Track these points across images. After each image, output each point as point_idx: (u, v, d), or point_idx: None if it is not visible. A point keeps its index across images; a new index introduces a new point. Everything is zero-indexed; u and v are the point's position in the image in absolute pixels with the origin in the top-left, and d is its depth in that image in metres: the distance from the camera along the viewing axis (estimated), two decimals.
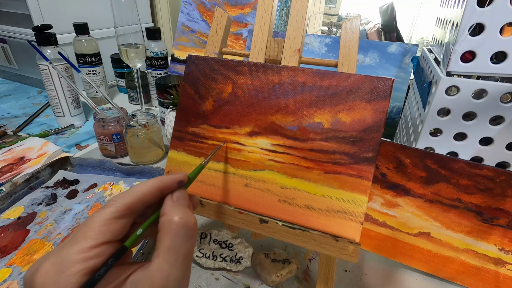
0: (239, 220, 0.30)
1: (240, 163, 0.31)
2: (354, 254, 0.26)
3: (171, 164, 0.34)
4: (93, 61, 0.76)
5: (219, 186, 0.32)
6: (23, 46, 0.78)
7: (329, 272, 0.31)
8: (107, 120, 0.54)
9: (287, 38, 0.32)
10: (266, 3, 0.33)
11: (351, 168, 0.28)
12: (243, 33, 0.77)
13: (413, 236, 0.37)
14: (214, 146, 0.32)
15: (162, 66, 0.76)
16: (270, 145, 0.31)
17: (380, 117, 0.27)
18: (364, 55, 0.62)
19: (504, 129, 0.37)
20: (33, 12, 0.72)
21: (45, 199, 0.45)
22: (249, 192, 0.31)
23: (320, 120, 0.29)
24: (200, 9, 0.80)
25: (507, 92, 0.36)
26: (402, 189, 0.37)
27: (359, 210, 0.27)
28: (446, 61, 0.38)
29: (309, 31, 1.25)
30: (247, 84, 0.32)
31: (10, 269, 0.34)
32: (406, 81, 0.61)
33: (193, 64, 0.34)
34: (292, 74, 0.30)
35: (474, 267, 0.36)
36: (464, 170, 0.34)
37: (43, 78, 0.62)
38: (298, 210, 0.29)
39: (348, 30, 0.30)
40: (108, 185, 0.48)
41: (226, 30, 0.35)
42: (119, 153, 0.57)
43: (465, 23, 0.34)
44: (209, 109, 0.33)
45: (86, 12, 0.83)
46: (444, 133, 0.40)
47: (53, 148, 0.59)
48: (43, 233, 0.39)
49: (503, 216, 0.34)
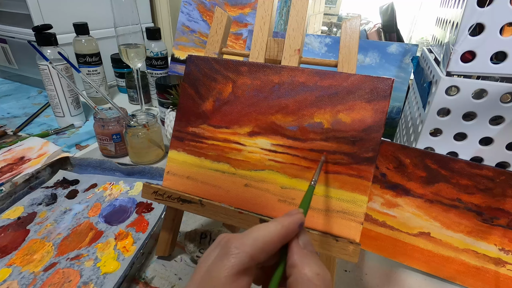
0: (239, 220, 0.30)
1: (240, 163, 0.31)
2: (354, 254, 0.26)
3: (171, 164, 0.34)
4: (93, 61, 0.76)
5: (219, 186, 0.32)
6: (23, 46, 0.78)
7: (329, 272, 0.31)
8: (107, 120, 0.54)
9: (287, 38, 0.32)
10: (266, 3, 0.33)
11: (351, 168, 0.28)
12: (243, 33, 0.77)
13: (413, 236, 0.37)
14: (214, 146, 0.32)
15: (162, 66, 0.76)
16: (270, 145, 0.31)
17: (380, 117, 0.27)
18: (364, 55, 0.62)
19: (504, 129, 0.37)
20: (33, 12, 0.72)
21: (45, 199, 0.45)
22: (249, 192, 0.31)
23: (320, 120, 0.29)
24: (200, 9, 0.80)
25: (507, 92, 0.36)
26: (402, 189, 0.37)
27: (359, 210, 0.27)
28: (446, 61, 0.38)
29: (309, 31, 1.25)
30: (247, 84, 0.32)
31: (10, 269, 0.34)
32: (406, 81, 0.61)
33: (193, 64, 0.34)
34: (292, 74, 0.30)
35: (474, 267, 0.36)
36: (464, 170, 0.34)
37: (43, 78, 0.62)
38: None
39: (348, 30, 0.30)
40: (108, 185, 0.48)
41: (226, 30, 0.35)
42: (119, 153, 0.57)
43: (465, 23, 0.34)
44: (209, 109, 0.33)
45: (86, 12, 0.83)
46: (444, 133, 0.40)
47: (53, 148, 0.59)
48: (43, 233, 0.39)
49: (503, 216, 0.34)
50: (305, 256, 0.18)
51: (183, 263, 0.37)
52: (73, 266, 0.35)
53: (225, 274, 0.16)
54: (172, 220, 0.36)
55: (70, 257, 0.36)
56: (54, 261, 0.35)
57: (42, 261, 0.35)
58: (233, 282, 0.16)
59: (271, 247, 0.17)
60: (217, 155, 0.32)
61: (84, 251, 0.37)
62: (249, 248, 0.17)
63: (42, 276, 0.33)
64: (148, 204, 0.44)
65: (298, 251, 0.18)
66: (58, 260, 0.35)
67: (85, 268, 0.34)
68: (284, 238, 0.18)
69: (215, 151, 0.32)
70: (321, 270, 0.17)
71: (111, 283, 0.33)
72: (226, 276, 0.16)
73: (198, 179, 0.33)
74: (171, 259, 0.38)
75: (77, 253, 0.36)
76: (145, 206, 0.44)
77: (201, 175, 0.33)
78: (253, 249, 0.17)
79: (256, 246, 0.17)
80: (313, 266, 0.17)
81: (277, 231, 0.18)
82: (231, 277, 0.16)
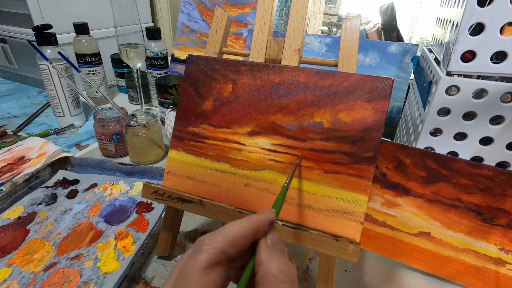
0: None
1: (240, 163, 0.31)
2: (354, 254, 0.26)
3: (171, 164, 0.34)
4: (93, 61, 0.76)
5: (219, 186, 0.32)
6: (23, 46, 0.78)
7: (329, 272, 0.31)
8: (107, 120, 0.54)
9: (287, 37, 0.32)
10: (266, 3, 0.33)
11: (351, 168, 0.28)
12: (243, 33, 0.77)
13: (413, 236, 0.37)
14: (214, 146, 0.32)
15: (162, 66, 0.76)
16: (270, 144, 0.31)
17: (380, 117, 0.27)
18: (364, 55, 0.62)
19: (504, 128, 0.37)
20: (33, 12, 0.72)
21: (45, 199, 0.45)
22: (249, 192, 0.31)
23: (320, 120, 0.29)
24: (200, 9, 0.80)
25: (507, 91, 0.36)
26: (402, 188, 0.37)
27: (359, 210, 0.27)
28: (446, 61, 0.38)
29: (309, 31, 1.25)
30: (247, 84, 0.32)
31: (10, 269, 0.34)
32: (406, 81, 0.61)
33: (193, 64, 0.34)
34: (292, 74, 0.30)
35: (474, 267, 0.36)
36: (464, 169, 0.34)
37: (43, 78, 0.62)
38: (299, 210, 0.29)
39: (348, 30, 0.30)
40: (108, 185, 0.48)
41: (226, 30, 0.35)
42: (119, 153, 0.57)
43: (465, 22, 0.34)
44: (209, 108, 0.33)
45: (86, 12, 0.83)
46: (444, 133, 0.40)
47: (53, 148, 0.59)
48: (43, 233, 0.39)
49: (503, 215, 0.34)
50: (272, 254, 0.19)
51: None
52: (73, 266, 0.35)
53: (196, 268, 0.17)
54: (172, 220, 0.36)
55: (70, 257, 0.36)
56: (54, 261, 0.35)
57: (42, 261, 0.35)
58: (205, 275, 0.17)
59: (241, 242, 0.19)
60: (217, 155, 0.32)
61: (84, 251, 0.37)
62: (220, 243, 0.18)
63: (42, 276, 0.33)
64: (148, 204, 0.44)
65: (265, 249, 0.19)
66: (58, 260, 0.35)
67: (85, 268, 0.34)
68: (254, 234, 0.19)
69: (215, 151, 0.32)
70: (286, 266, 0.18)
71: (111, 283, 0.33)
72: (198, 270, 0.17)
73: (198, 178, 0.33)
74: (171, 259, 0.38)
75: (77, 253, 0.36)
76: (145, 206, 0.44)
77: (201, 175, 0.33)
78: (224, 243, 0.18)
79: (226, 241, 0.18)
80: (279, 263, 0.18)
81: (247, 226, 0.19)
82: (202, 271, 0.17)
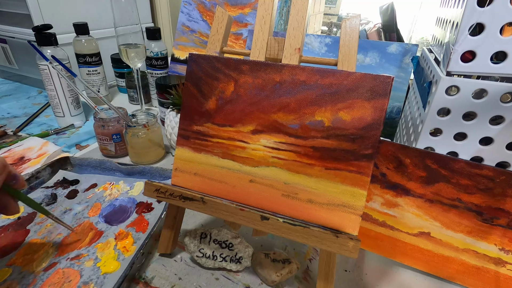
0: (240, 217, 0.30)
1: (245, 160, 0.32)
2: (354, 250, 0.27)
3: (179, 161, 0.35)
4: (93, 61, 0.76)
5: (226, 182, 0.33)
6: (23, 46, 0.78)
7: (329, 269, 0.31)
8: (107, 120, 0.54)
9: (288, 37, 0.32)
10: (266, 3, 0.33)
11: (351, 165, 0.29)
12: (243, 33, 0.77)
13: (413, 236, 0.37)
14: (219, 144, 0.33)
15: (162, 66, 0.76)
16: (273, 142, 0.31)
17: (379, 115, 0.27)
18: (364, 55, 0.62)
19: (504, 129, 0.37)
20: (33, 12, 0.72)
21: (45, 199, 0.45)
22: (254, 187, 0.32)
23: (321, 118, 0.29)
24: (200, 9, 0.80)
25: (507, 92, 0.36)
26: (402, 189, 0.37)
27: (358, 204, 0.28)
28: (446, 61, 0.38)
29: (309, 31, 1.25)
30: (249, 83, 0.32)
31: (10, 269, 0.34)
32: (406, 81, 0.61)
33: (195, 63, 0.34)
34: (293, 73, 0.30)
35: (474, 267, 0.36)
36: (464, 170, 0.34)
37: (43, 78, 0.62)
38: (301, 204, 0.30)
39: (348, 29, 0.30)
40: (108, 185, 0.48)
41: (227, 29, 0.35)
42: (119, 153, 0.57)
43: (465, 23, 0.34)
44: (213, 108, 0.33)
45: (86, 12, 0.83)
46: (444, 133, 0.40)
47: (53, 148, 0.59)
48: (43, 233, 0.39)
49: (503, 216, 0.34)
50: None
51: (183, 263, 0.37)
52: (73, 266, 0.35)
53: None
54: (174, 218, 0.36)
55: (70, 257, 0.36)
56: (54, 261, 0.35)
57: (42, 261, 0.35)
58: None
59: None
60: (223, 153, 0.33)
61: (84, 251, 0.37)
62: None
63: (42, 276, 0.33)
64: (148, 204, 0.44)
65: None
66: (58, 260, 0.35)
67: (85, 268, 0.34)
68: None
69: (220, 148, 0.33)
70: None
71: (111, 283, 0.32)
72: None
73: (205, 175, 0.34)
74: (172, 257, 0.38)
75: (77, 253, 0.36)
76: (145, 206, 0.44)
77: (207, 172, 0.34)
78: None
79: None
80: None
81: None
82: None
